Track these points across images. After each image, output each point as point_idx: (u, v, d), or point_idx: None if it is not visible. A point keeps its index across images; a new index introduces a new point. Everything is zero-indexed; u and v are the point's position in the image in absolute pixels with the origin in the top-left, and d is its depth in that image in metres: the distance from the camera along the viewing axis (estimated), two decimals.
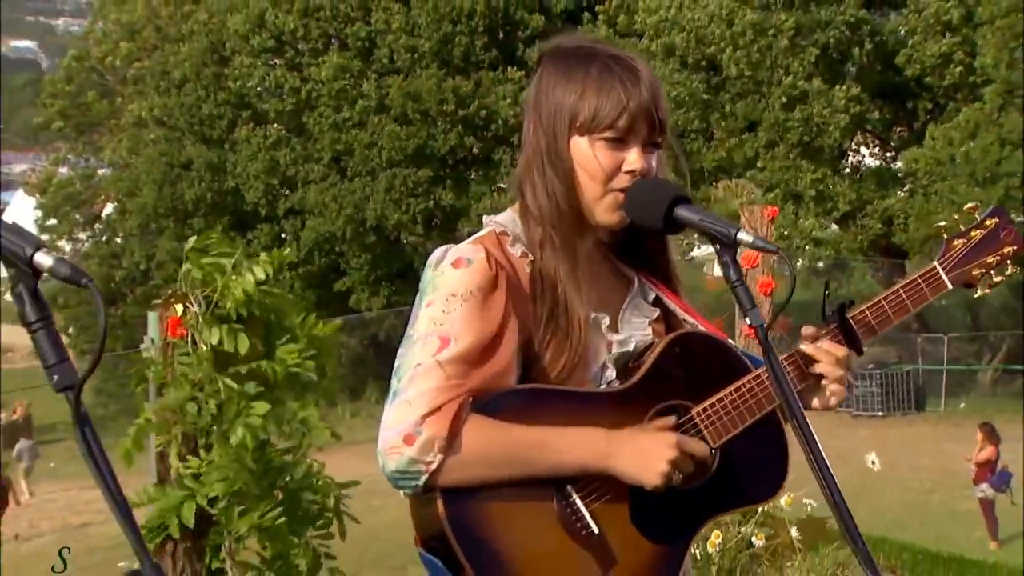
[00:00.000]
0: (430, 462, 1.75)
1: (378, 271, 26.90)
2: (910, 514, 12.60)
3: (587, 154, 1.92)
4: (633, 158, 1.91)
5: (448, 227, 26.34)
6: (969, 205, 2.16)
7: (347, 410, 24.06)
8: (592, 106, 1.90)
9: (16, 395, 26.23)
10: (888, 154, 25.83)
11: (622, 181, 1.91)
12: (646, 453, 1.84)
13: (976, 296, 2.16)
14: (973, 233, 2.11)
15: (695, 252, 23.33)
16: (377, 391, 26.02)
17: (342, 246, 26.71)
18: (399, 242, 26.79)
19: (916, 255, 22.41)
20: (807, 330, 2.03)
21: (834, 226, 24.01)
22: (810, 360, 2.01)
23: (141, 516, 3.30)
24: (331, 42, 27.61)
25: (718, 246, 1.79)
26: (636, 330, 2.02)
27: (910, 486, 14.45)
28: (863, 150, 26.05)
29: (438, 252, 1.93)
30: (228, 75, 27.67)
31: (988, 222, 2.12)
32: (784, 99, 22.45)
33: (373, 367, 26.16)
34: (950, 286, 2.09)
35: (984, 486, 13.23)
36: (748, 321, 1.75)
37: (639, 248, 2.07)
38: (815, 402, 2.04)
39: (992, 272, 2.12)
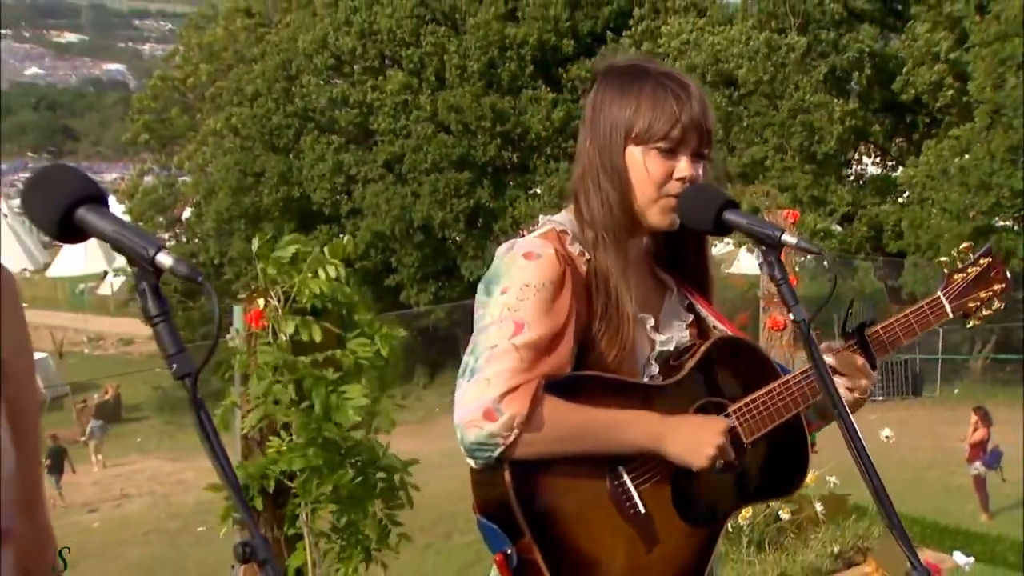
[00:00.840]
0: (507, 436, 1.73)
1: (426, 269, 26.92)
2: (910, 489, 12.50)
3: (640, 163, 1.89)
4: (683, 166, 1.89)
5: (488, 227, 26.33)
6: (964, 245, 2.22)
7: (398, 394, 24.06)
8: (647, 118, 1.88)
9: (107, 379, 26.60)
10: (889, 163, 25.61)
11: (673, 188, 1.90)
12: (696, 437, 1.84)
13: (969, 326, 2.22)
14: (970, 270, 2.17)
15: (712, 251, 23.21)
16: (424, 377, 26.08)
17: (394, 244, 26.75)
18: (445, 241, 26.80)
19: (913, 254, 22.18)
20: (823, 346, 2.02)
21: (836, 226, 23.81)
22: (832, 371, 2.00)
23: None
24: (386, 62, 27.69)
25: (764, 247, 1.77)
26: (675, 331, 2.02)
27: (909, 463, 14.32)
28: (865, 159, 25.85)
29: (507, 244, 1.90)
30: (295, 92, 27.80)
31: (982, 261, 2.19)
32: (793, 107, 22.37)
33: (420, 355, 26.22)
34: (951, 315, 2.15)
35: (977, 464, 13.16)
36: (792, 316, 1.73)
37: (677, 254, 2.06)
38: None
39: (983, 306, 2.18)
